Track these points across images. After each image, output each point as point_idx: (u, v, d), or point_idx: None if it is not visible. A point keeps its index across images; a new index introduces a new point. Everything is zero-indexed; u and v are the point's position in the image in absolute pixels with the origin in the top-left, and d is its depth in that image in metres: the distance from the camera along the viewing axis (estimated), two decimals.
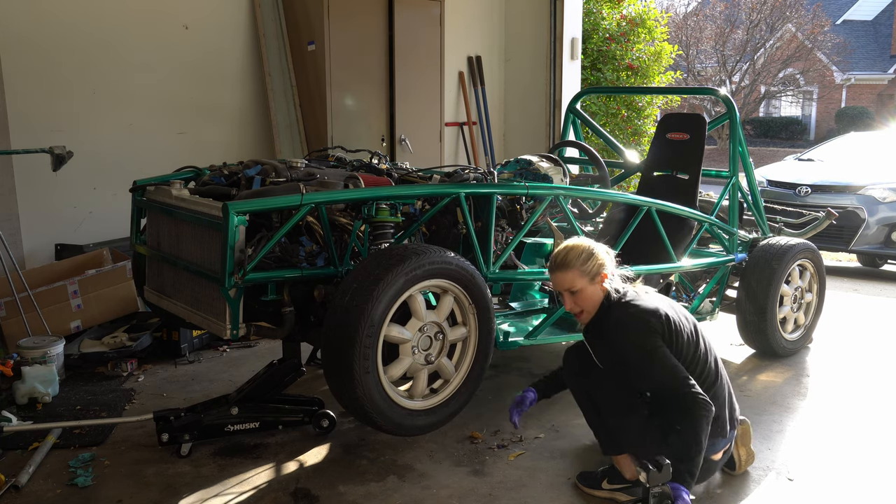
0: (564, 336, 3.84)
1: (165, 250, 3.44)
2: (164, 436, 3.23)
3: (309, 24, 5.90)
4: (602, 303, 2.88)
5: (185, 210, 3.22)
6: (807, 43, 23.60)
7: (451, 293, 3.16)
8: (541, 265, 4.30)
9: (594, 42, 8.77)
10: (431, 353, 3.15)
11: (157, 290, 3.56)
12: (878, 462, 3.28)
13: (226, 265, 2.88)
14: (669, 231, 4.06)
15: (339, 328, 2.88)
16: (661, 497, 2.71)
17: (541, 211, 3.63)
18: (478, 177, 3.63)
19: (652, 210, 3.94)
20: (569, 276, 2.85)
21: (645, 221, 3.93)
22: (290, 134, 6.12)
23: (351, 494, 2.96)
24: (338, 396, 3.01)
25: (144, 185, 3.64)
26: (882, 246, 7.30)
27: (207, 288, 3.14)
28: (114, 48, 5.32)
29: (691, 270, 4.39)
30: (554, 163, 4.18)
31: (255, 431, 3.39)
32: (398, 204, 3.30)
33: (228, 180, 3.48)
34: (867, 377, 4.31)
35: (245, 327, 3.04)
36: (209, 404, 3.41)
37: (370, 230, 3.27)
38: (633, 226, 3.88)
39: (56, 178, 4.76)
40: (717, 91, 4.79)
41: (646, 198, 4.02)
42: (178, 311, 3.38)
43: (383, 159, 3.96)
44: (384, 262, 2.94)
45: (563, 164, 4.19)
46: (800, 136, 24.61)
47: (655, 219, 3.96)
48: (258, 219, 3.11)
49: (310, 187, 3.15)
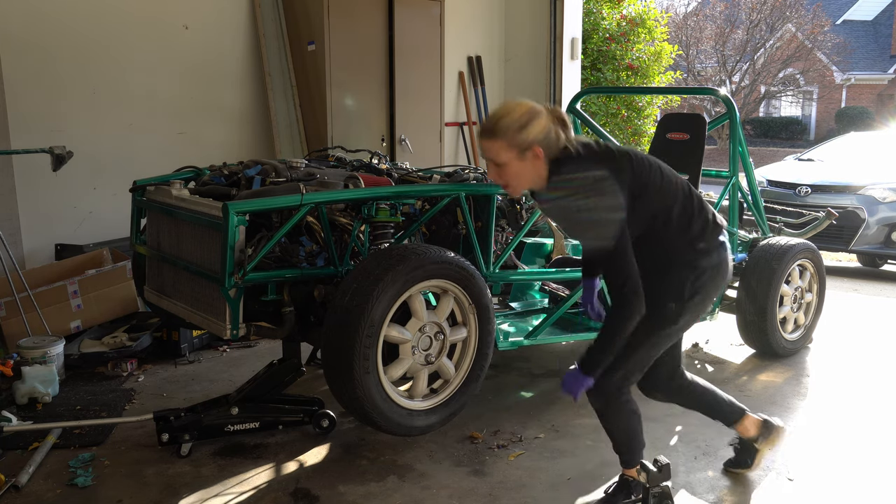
0: (565, 336, 3.85)
1: (165, 250, 3.44)
2: (164, 436, 3.23)
3: (309, 24, 5.90)
4: (553, 168, 2.46)
5: (185, 210, 3.22)
6: (807, 43, 23.60)
7: (452, 293, 3.16)
8: (541, 265, 4.30)
9: (594, 42, 8.77)
10: (431, 353, 3.15)
11: (157, 290, 3.56)
12: (878, 462, 3.28)
13: (226, 265, 2.88)
14: None
15: (339, 328, 2.88)
16: (662, 497, 2.72)
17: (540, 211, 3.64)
18: (478, 177, 3.64)
19: None
20: (494, 146, 2.43)
21: None
22: (290, 134, 6.12)
23: (351, 494, 2.96)
24: (338, 396, 3.01)
25: (144, 185, 3.64)
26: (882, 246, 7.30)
27: (207, 288, 3.14)
28: (114, 48, 5.32)
29: None
30: None
31: (255, 431, 3.39)
32: (398, 204, 3.30)
33: (228, 180, 3.48)
34: (867, 377, 4.31)
35: (245, 327, 3.04)
36: (209, 404, 3.41)
37: (370, 230, 3.27)
38: None
39: (56, 178, 4.76)
40: (717, 91, 4.79)
41: None
42: (178, 311, 3.38)
43: (383, 159, 3.96)
44: (384, 262, 2.94)
45: None
46: (800, 136, 24.61)
47: None
48: (258, 219, 3.11)
49: (310, 187, 3.15)
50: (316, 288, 3.13)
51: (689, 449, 3.36)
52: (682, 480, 3.08)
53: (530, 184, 2.50)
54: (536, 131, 2.40)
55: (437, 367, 3.20)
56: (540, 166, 2.44)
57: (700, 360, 4.55)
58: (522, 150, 2.40)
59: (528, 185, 2.51)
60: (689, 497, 2.97)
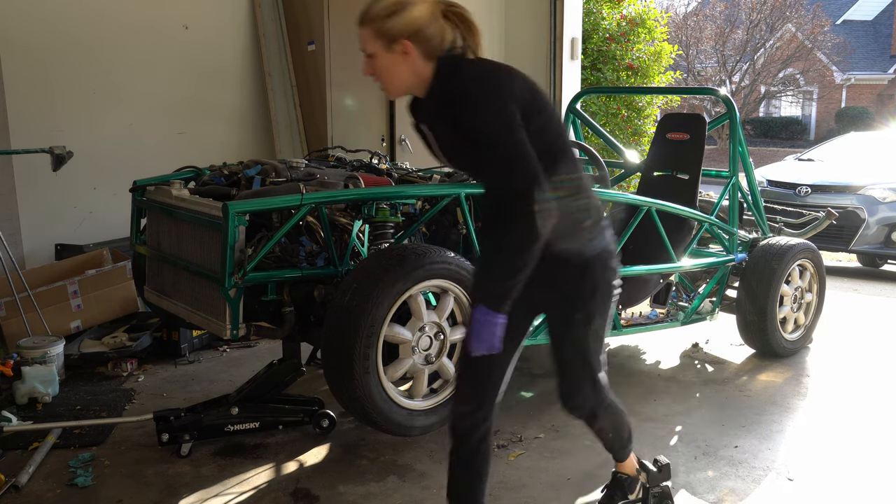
0: None
1: (165, 250, 3.44)
2: (164, 436, 3.23)
3: (309, 24, 5.90)
4: (438, 70, 2.13)
5: (185, 210, 3.22)
6: (807, 43, 23.59)
7: (452, 293, 3.16)
8: None
9: (594, 42, 8.77)
10: (431, 353, 3.15)
11: (157, 290, 3.56)
12: (878, 462, 3.28)
13: (226, 265, 2.88)
14: (669, 231, 4.06)
15: (339, 328, 2.88)
16: (662, 497, 2.72)
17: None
18: None
19: (652, 210, 3.95)
20: (362, 34, 2.17)
21: (645, 221, 3.93)
22: (290, 134, 6.12)
23: (351, 494, 2.96)
24: (338, 397, 3.01)
25: (144, 185, 3.64)
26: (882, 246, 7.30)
27: (207, 288, 3.14)
28: (114, 48, 5.32)
29: (691, 270, 4.39)
30: None
31: (256, 431, 3.39)
32: (398, 204, 3.30)
33: (228, 180, 3.48)
34: (867, 377, 4.31)
35: (245, 327, 3.04)
36: (209, 404, 3.40)
37: (370, 230, 3.27)
38: (633, 226, 3.89)
39: (56, 178, 4.76)
40: (717, 91, 4.79)
41: (646, 198, 4.02)
42: (178, 311, 3.38)
43: (383, 159, 3.95)
44: (384, 262, 2.94)
45: None
46: (800, 136, 24.61)
47: (655, 219, 3.96)
48: (258, 219, 3.11)
49: (310, 187, 3.15)
50: (316, 288, 3.13)
51: (689, 449, 3.37)
52: (682, 480, 3.08)
53: (405, 85, 2.18)
54: (406, 22, 2.08)
55: (437, 368, 3.20)
56: (416, 65, 2.12)
57: (700, 360, 4.55)
58: (389, 42, 2.11)
59: (402, 86, 2.19)
60: (689, 497, 2.97)
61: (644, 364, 4.49)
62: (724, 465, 3.23)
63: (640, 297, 4.15)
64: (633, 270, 3.86)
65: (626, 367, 4.42)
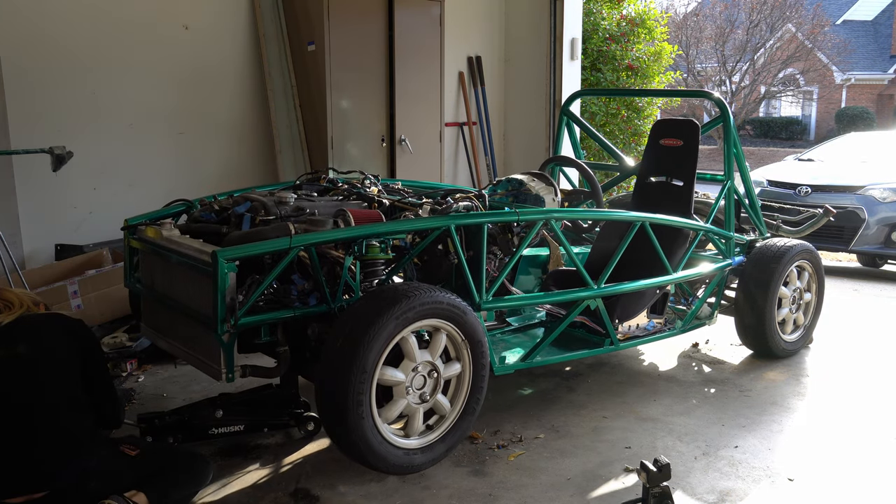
0: (564, 356, 3.77)
1: (159, 290, 3.43)
2: (149, 438, 3.23)
3: (309, 25, 5.90)
4: None
5: (175, 253, 3.20)
6: (807, 43, 23.59)
7: (444, 330, 3.13)
8: (537, 276, 4.27)
9: (594, 42, 8.77)
10: (426, 391, 3.11)
11: (154, 328, 3.56)
12: (878, 462, 3.29)
13: (217, 312, 2.88)
14: (665, 242, 3.99)
15: (332, 376, 2.84)
16: (662, 497, 2.72)
17: (532, 235, 3.57)
18: (467, 206, 3.58)
19: (646, 224, 3.89)
20: None
21: (640, 234, 3.88)
22: (289, 134, 6.13)
23: (351, 494, 2.96)
24: (335, 442, 2.97)
25: (136, 223, 3.61)
26: (882, 246, 7.29)
27: (201, 329, 3.12)
28: (114, 48, 5.32)
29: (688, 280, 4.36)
30: (546, 182, 4.13)
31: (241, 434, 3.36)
32: (388, 239, 3.28)
33: (219, 216, 3.47)
34: (867, 377, 4.31)
35: (241, 369, 3.05)
36: (195, 407, 3.39)
37: (361, 267, 3.25)
38: (626, 243, 3.81)
39: (56, 178, 4.76)
40: (711, 94, 4.77)
41: (639, 213, 3.97)
42: (175, 350, 3.38)
43: (374, 181, 3.95)
44: (374, 305, 2.91)
45: (554, 184, 4.14)
46: (800, 136, 24.61)
47: (650, 233, 3.91)
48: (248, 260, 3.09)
49: (299, 225, 3.14)
50: (309, 327, 3.12)
51: (689, 449, 3.37)
52: (682, 480, 3.08)
53: None
54: None
55: (433, 405, 3.16)
56: None
57: (700, 361, 4.55)
58: None
59: None
60: (689, 497, 2.97)
61: (644, 364, 4.49)
62: (724, 465, 3.23)
63: (636, 311, 4.08)
64: (629, 287, 3.80)
65: (625, 367, 4.42)
